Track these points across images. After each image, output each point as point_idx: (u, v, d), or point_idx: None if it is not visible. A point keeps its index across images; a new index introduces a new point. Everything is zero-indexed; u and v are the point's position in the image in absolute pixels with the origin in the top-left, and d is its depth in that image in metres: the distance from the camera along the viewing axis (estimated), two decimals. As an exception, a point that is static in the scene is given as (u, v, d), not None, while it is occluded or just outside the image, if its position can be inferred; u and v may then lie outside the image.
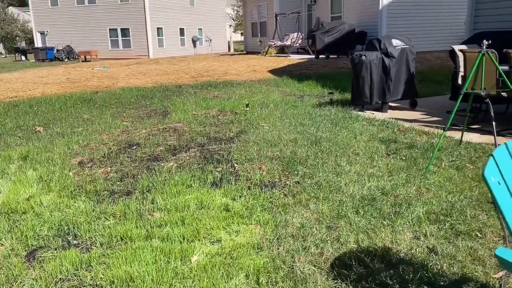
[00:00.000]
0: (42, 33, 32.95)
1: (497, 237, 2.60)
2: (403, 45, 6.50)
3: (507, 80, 4.03)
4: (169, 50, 30.84)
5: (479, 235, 2.64)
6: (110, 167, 4.35)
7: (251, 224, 2.92)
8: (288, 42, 19.43)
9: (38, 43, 33.09)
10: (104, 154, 4.81)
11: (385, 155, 4.33)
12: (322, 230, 2.77)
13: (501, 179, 1.54)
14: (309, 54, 18.36)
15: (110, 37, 30.65)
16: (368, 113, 6.48)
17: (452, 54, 6.07)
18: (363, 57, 6.35)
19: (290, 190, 3.49)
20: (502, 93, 4.86)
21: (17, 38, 50.10)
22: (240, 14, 49.83)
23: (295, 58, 17.33)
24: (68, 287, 2.30)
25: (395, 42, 6.51)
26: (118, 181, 3.92)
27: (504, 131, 4.95)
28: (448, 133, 4.57)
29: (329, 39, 16.18)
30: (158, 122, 6.48)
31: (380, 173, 3.75)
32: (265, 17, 24.04)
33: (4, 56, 44.63)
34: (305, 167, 4.01)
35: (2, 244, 2.82)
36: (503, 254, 1.38)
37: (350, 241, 2.62)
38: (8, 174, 4.22)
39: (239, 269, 2.38)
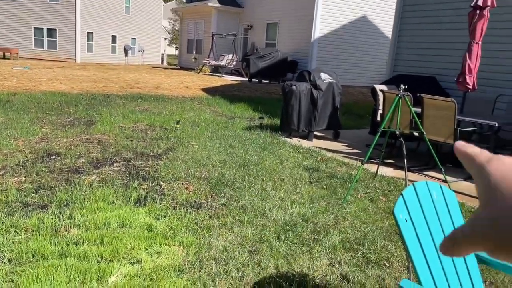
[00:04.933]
0: (-45, 22, 30.06)
1: (402, 267, 2.84)
2: (331, 80, 6.92)
3: (418, 122, 4.47)
4: (98, 56, 29.66)
5: (387, 264, 2.86)
6: (25, 176, 4.08)
7: (174, 245, 2.90)
8: (223, 63, 19.68)
9: (-51, 32, 30.09)
10: (19, 162, 4.50)
11: (308, 182, 4.54)
12: (244, 254, 2.83)
13: (408, 217, 1.71)
14: (242, 76, 18.72)
15: (34, 36, 28.81)
16: (294, 140, 6.75)
17: (373, 92, 6.58)
18: (294, 87, 6.64)
19: (215, 212, 3.52)
20: (414, 133, 5.35)
21: None
22: (177, 28, 49.55)
23: (228, 79, 17.57)
24: (-33, 308, 2.11)
25: (324, 76, 6.91)
26: (33, 193, 3.68)
27: (413, 168, 5.43)
28: (365, 166, 4.92)
29: (263, 64, 16.68)
30: (81, 131, 6.20)
31: (303, 200, 3.93)
32: (201, 35, 24.18)
33: None
34: (232, 189, 4.07)
35: None
36: (407, 286, 1.53)
37: (270, 266, 2.70)
38: None
39: (158, 291, 2.34)
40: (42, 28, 28.63)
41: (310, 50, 16.97)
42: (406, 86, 4.18)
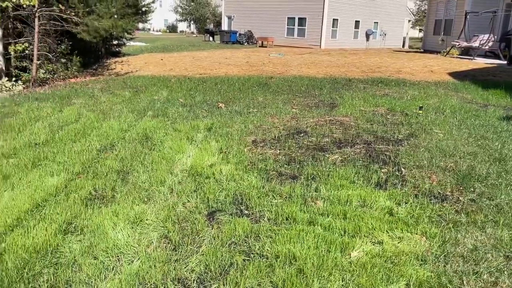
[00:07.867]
0: (229, 18, 36.28)
1: None
2: None
3: None
4: (341, 42, 30.77)
5: None
6: (279, 150, 4.64)
7: (416, 233, 2.81)
8: (475, 44, 17.52)
9: (224, 26, 36.57)
10: (275, 136, 5.15)
11: None
12: (499, 258, 2.50)
13: None
14: (499, 59, 16.27)
15: (287, 25, 32.03)
16: None
17: None
18: None
19: (463, 207, 3.22)
20: None
21: (207, 20, 56.19)
22: (423, 9, 46.57)
23: (481, 62, 15.57)
24: (239, 251, 2.58)
25: None
26: (286, 164, 4.16)
27: None
28: None
29: (529, 44, 14.02)
30: (325, 113, 6.60)
31: None
32: (452, 15, 22.04)
33: (195, 35, 50.67)
34: (484, 185, 3.63)
35: (188, 200, 3.30)
36: None
37: (533, 279, 2.31)
38: (195, 141, 4.86)
39: (400, 276, 2.33)
40: (294, 18, 31.53)
41: None
42: None
